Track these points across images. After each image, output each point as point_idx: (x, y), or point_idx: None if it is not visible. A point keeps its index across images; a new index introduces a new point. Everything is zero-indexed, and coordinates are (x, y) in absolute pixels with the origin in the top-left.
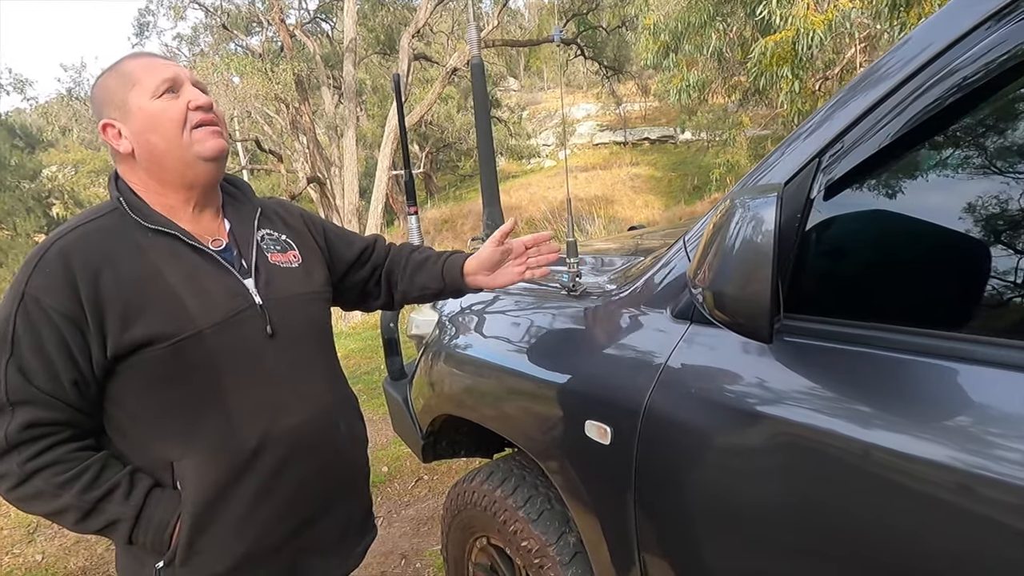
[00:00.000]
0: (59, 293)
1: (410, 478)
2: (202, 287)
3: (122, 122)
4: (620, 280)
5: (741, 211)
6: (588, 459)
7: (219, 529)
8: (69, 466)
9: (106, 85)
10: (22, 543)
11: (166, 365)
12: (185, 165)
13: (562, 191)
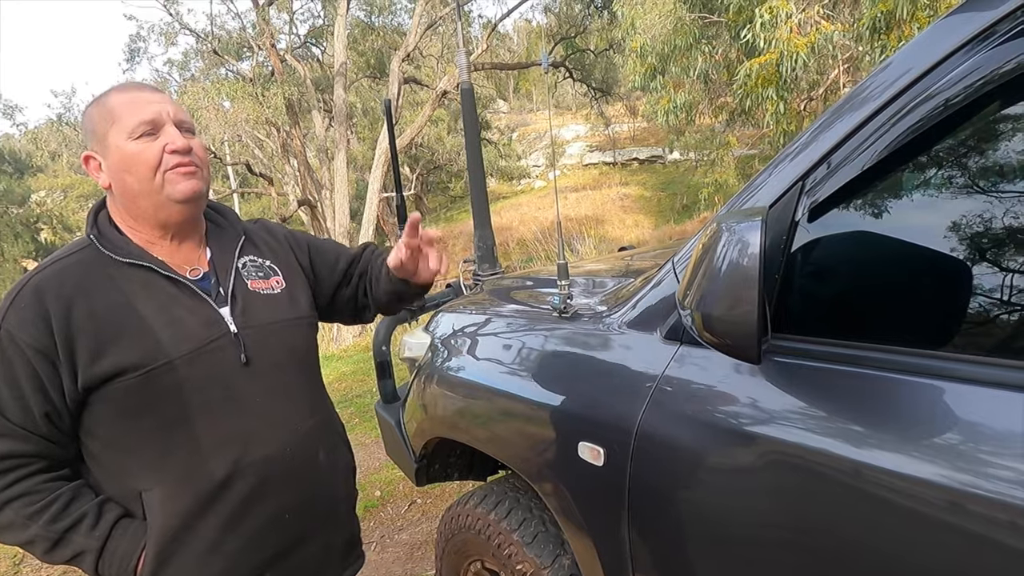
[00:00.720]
0: (32, 328)
1: (403, 502)
2: (175, 317)
3: (101, 156)
4: (611, 302)
5: (727, 234)
6: (581, 481)
7: (184, 560)
8: (39, 497)
9: (91, 116)
10: (7, 575)
11: (136, 395)
12: (157, 206)
13: (552, 211)
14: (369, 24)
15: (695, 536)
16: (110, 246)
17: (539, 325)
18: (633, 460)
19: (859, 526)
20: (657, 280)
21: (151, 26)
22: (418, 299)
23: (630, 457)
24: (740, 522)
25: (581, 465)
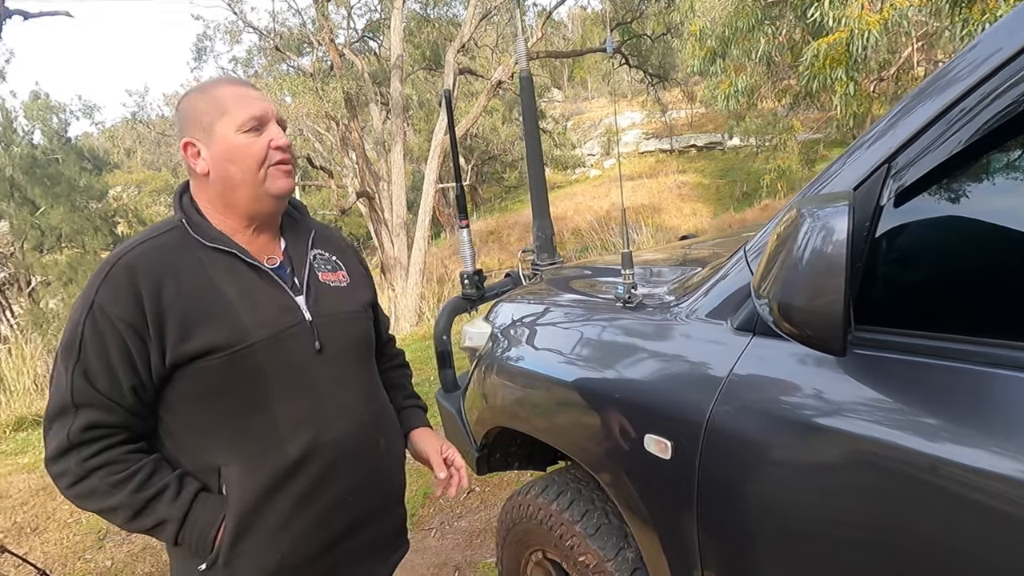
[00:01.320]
0: (124, 303)
1: (462, 490)
2: (256, 302)
3: (204, 144)
4: (678, 292)
5: (810, 221)
6: (648, 474)
7: (260, 535)
8: (123, 466)
9: (196, 105)
10: (93, 549)
11: (220, 375)
12: (254, 198)
13: (607, 200)
14: (424, 16)
15: (766, 532)
16: (198, 230)
17: (602, 315)
18: (703, 454)
19: (943, 527)
20: (728, 270)
21: (216, 25)
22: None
23: (699, 451)
24: (815, 520)
25: (647, 458)
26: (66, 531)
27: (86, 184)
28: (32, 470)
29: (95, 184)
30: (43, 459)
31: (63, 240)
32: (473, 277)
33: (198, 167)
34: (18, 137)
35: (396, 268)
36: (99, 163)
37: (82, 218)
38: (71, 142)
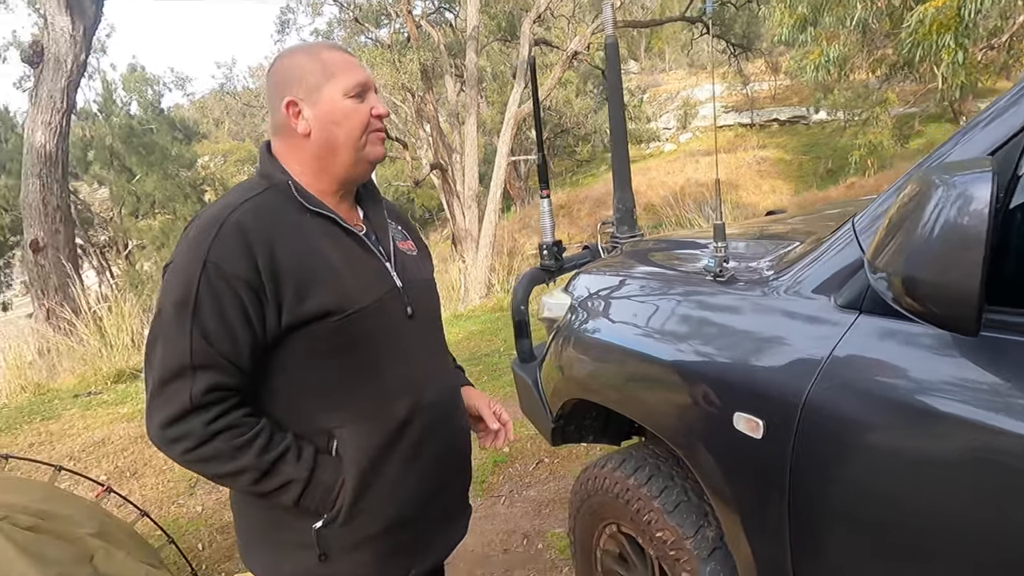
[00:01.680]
0: (239, 261)
1: (531, 460)
2: (357, 268)
3: (307, 105)
4: (775, 266)
5: (943, 189)
6: (736, 453)
7: (376, 493)
8: (244, 430)
9: (302, 64)
10: (185, 495)
11: (333, 338)
12: (352, 162)
13: (682, 176)
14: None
15: (865, 523)
16: (302, 193)
17: (690, 288)
18: (798, 436)
19: None
20: (833, 244)
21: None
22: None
23: (794, 432)
24: (924, 514)
25: (736, 437)
26: (161, 477)
27: (177, 153)
28: (131, 419)
29: (185, 153)
30: (153, 423)
31: (156, 206)
32: (552, 248)
33: (299, 127)
34: (117, 108)
35: (467, 240)
36: (189, 133)
37: (173, 186)
38: (164, 113)
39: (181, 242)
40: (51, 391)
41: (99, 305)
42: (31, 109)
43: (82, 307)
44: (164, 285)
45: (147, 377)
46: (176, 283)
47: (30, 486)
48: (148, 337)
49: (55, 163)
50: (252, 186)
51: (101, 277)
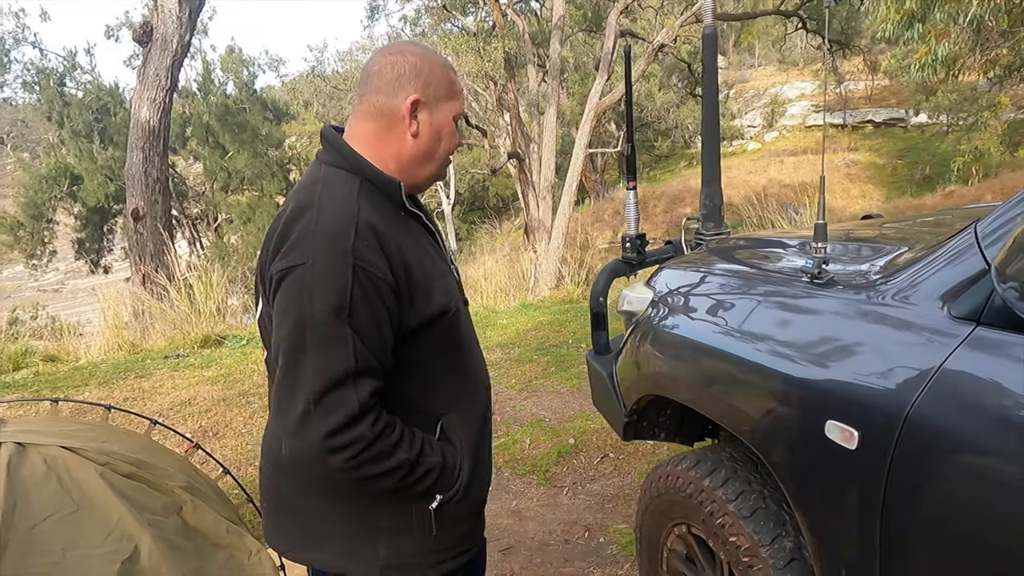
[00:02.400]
0: (380, 264)
1: (595, 453)
2: (444, 268)
3: (427, 111)
4: (881, 271)
5: None
6: (826, 463)
7: (476, 475)
8: (393, 428)
9: (437, 74)
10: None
11: (443, 335)
12: (433, 175)
13: (764, 176)
14: None
15: (969, 548)
16: (404, 192)
17: (784, 289)
18: (898, 449)
19: None
20: (950, 250)
21: None
22: None
23: (894, 445)
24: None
25: (828, 445)
26: (240, 439)
27: (267, 133)
28: (214, 382)
29: (274, 133)
30: (315, 435)
31: (245, 183)
32: (635, 241)
33: (411, 127)
34: (215, 87)
35: (539, 230)
36: (279, 114)
37: (262, 164)
38: (257, 93)
39: (308, 243)
40: (143, 351)
41: (190, 273)
42: (138, 86)
43: (175, 274)
44: (303, 291)
45: (292, 390)
46: (327, 289)
47: (129, 437)
48: (286, 349)
49: (157, 137)
50: (348, 180)
51: (192, 247)
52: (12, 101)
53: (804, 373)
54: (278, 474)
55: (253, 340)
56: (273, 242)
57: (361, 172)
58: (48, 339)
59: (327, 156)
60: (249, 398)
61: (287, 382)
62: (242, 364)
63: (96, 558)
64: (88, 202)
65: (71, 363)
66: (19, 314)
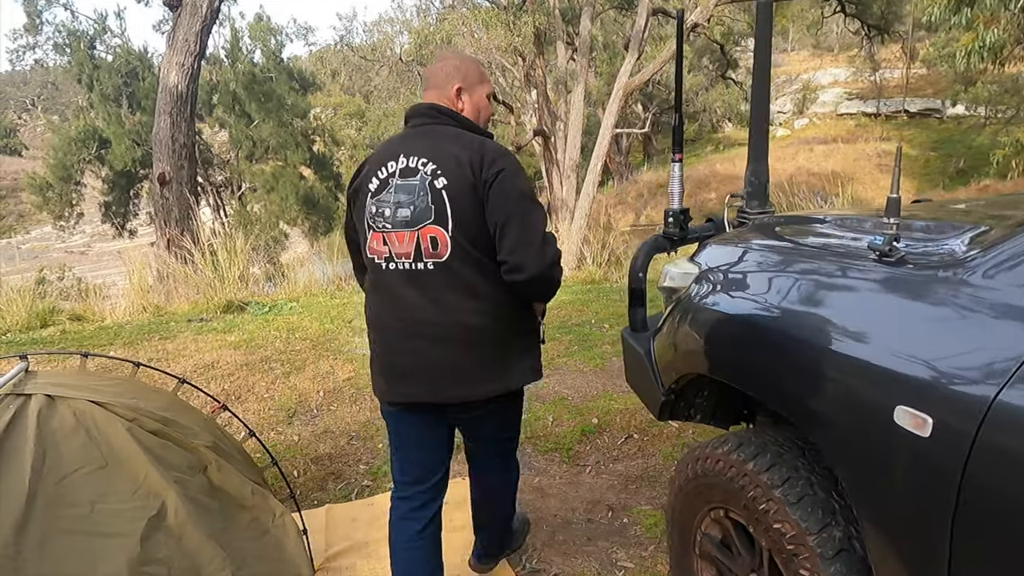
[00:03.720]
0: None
1: (619, 433)
2: None
3: (467, 93)
4: (967, 248)
5: None
6: (893, 450)
7: None
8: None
9: (473, 68)
10: (283, 424)
11: None
12: (481, 129)
13: (792, 164)
14: None
15: None
16: None
17: (850, 265)
18: (978, 440)
19: None
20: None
21: None
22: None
23: (974, 436)
24: None
25: (896, 432)
26: (262, 404)
27: (293, 103)
28: (237, 347)
29: (300, 103)
30: (548, 255)
31: (269, 152)
32: (679, 216)
33: (458, 105)
34: (242, 55)
35: (562, 210)
36: (305, 84)
37: (286, 133)
38: (284, 63)
39: (500, 160)
40: (167, 314)
41: (214, 239)
42: (167, 51)
43: (199, 239)
44: (515, 180)
45: (528, 227)
46: (523, 179)
47: (157, 394)
48: (523, 207)
49: (185, 103)
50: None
51: (215, 215)
52: (43, 63)
53: (871, 355)
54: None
55: (275, 308)
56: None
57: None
58: (74, 300)
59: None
60: (271, 364)
61: (521, 223)
62: (264, 331)
63: (124, 513)
64: (115, 166)
65: (97, 323)
66: (46, 274)
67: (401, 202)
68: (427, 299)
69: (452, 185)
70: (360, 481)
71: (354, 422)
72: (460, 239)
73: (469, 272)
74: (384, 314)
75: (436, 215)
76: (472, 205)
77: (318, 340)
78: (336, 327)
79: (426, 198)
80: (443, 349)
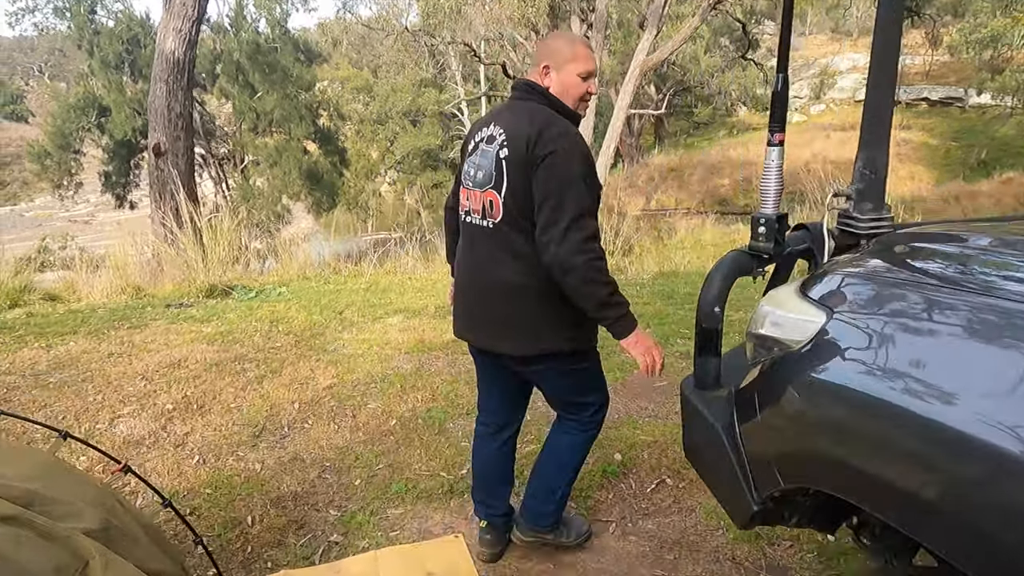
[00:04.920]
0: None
1: (649, 477)
2: None
3: (554, 71)
4: None
5: None
6: None
7: None
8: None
9: (560, 46)
10: (247, 446)
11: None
12: (567, 109)
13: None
14: None
15: None
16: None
17: None
18: None
19: None
20: None
21: None
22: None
23: None
24: None
25: None
26: (226, 417)
27: (298, 75)
28: (212, 341)
29: (305, 75)
30: (576, 238)
31: (273, 125)
32: (774, 224)
33: (544, 82)
34: (246, 24)
35: None
36: (311, 55)
37: (291, 106)
38: (289, 33)
39: (555, 142)
40: (147, 296)
41: (212, 215)
42: (164, 15)
43: (193, 216)
44: (564, 164)
45: (559, 210)
46: (576, 163)
47: (26, 456)
48: (561, 191)
49: (182, 70)
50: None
51: (218, 188)
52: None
53: None
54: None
55: (263, 293)
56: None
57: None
58: (74, 270)
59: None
60: (245, 364)
61: (551, 208)
62: (245, 321)
63: None
64: (116, 135)
65: (68, 305)
66: (48, 243)
67: (480, 165)
68: (485, 254)
69: (511, 158)
70: (328, 534)
71: (330, 447)
72: (511, 206)
73: (515, 236)
74: (462, 259)
75: (495, 182)
76: (523, 178)
77: (302, 335)
78: (325, 319)
79: (492, 165)
80: (488, 302)
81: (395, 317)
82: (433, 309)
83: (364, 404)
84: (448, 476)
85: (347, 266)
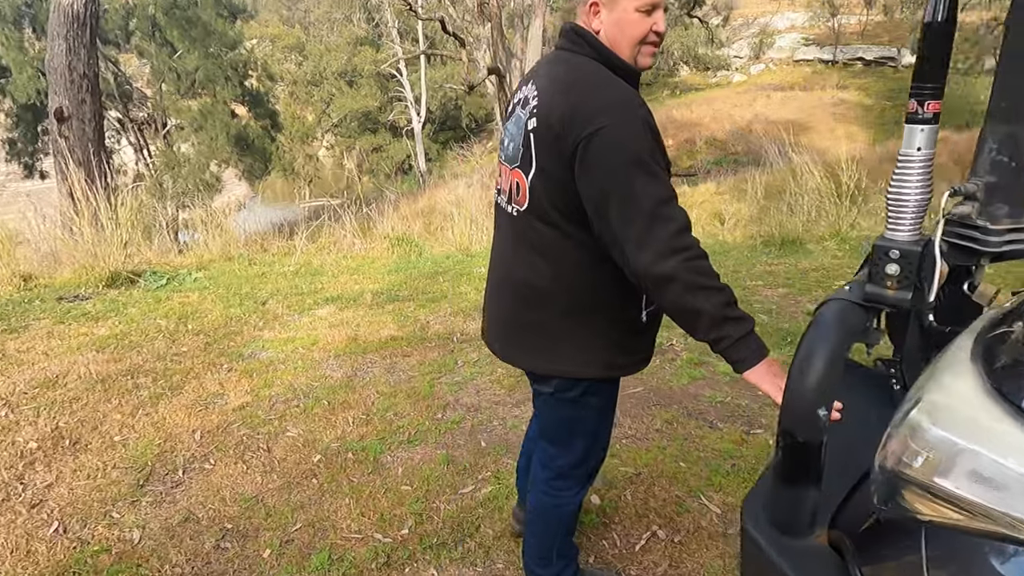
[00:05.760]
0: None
1: (637, 527)
2: None
3: (607, 9)
4: None
5: None
6: None
7: None
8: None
9: None
10: (125, 501)
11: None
12: (624, 64)
13: (750, 111)
14: None
15: None
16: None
17: None
18: None
19: None
20: None
21: None
22: None
23: None
24: None
25: None
26: (106, 456)
27: (221, 31)
28: (102, 347)
29: (229, 32)
30: (662, 238)
31: (197, 86)
32: (916, 259)
33: (593, 24)
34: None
35: None
36: (235, 11)
37: (215, 66)
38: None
39: (603, 116)
40: (38, 287)
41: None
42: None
43: (95, 190)
44: (619, 142)
45: (625, 209)
46: (634, 139)
47: None
48: (624, 180)
49: (83, 25)
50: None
51: (138, 155)
52: None
53: None
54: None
55: (175, 280)
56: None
57: (608, 61)
58: None
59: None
60: (139, 378)
61: (620, 209)
62: (148, 318)
63: None
64: (18, 98)
65: None
66: None
67: (513, 136)
68: (509, 246)
69: (539, 131)
70: None
71: (234, 498)
72: (539, 191)
73: (543, 230)
74: (492, 247)
75: (523, 159)
76: (556, 160)
77: (215, 335)
78: (244, 312)
79: (521, 138)
80: (504, 301)
81: (326, 308)
82: (370, 297)
83: (282, 431)
84: (385, 539)
85: (276, 243)
